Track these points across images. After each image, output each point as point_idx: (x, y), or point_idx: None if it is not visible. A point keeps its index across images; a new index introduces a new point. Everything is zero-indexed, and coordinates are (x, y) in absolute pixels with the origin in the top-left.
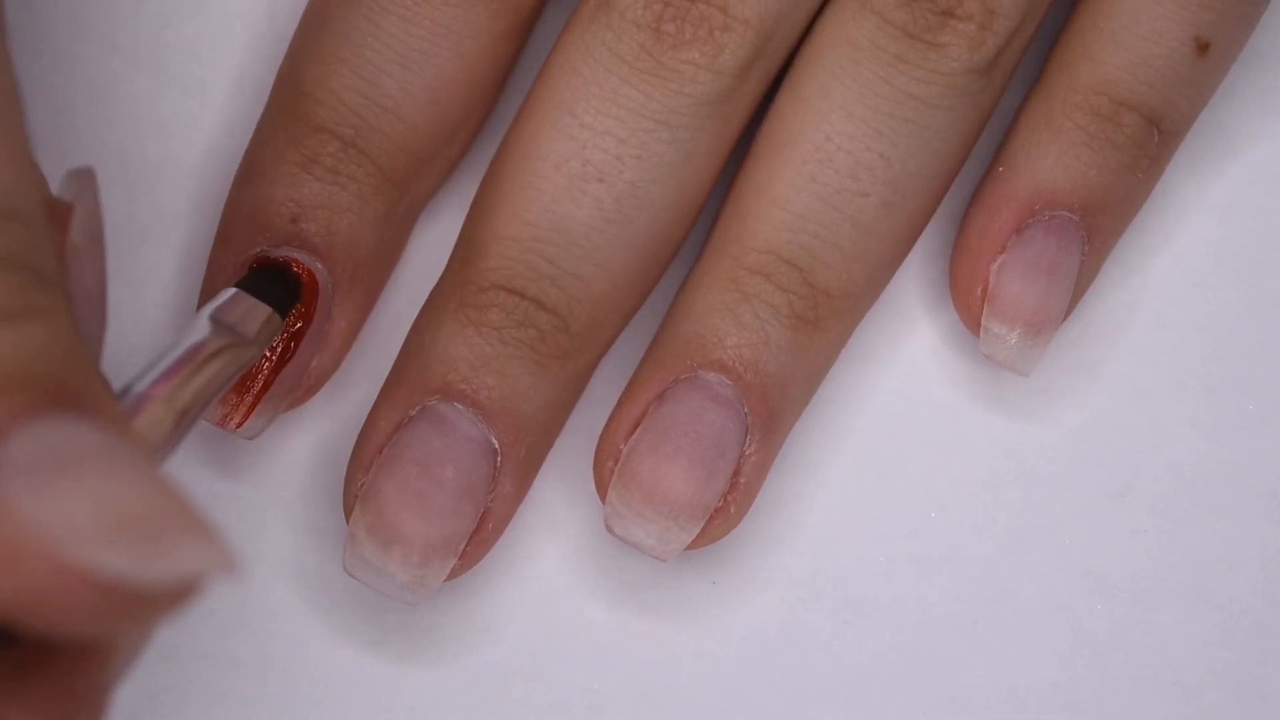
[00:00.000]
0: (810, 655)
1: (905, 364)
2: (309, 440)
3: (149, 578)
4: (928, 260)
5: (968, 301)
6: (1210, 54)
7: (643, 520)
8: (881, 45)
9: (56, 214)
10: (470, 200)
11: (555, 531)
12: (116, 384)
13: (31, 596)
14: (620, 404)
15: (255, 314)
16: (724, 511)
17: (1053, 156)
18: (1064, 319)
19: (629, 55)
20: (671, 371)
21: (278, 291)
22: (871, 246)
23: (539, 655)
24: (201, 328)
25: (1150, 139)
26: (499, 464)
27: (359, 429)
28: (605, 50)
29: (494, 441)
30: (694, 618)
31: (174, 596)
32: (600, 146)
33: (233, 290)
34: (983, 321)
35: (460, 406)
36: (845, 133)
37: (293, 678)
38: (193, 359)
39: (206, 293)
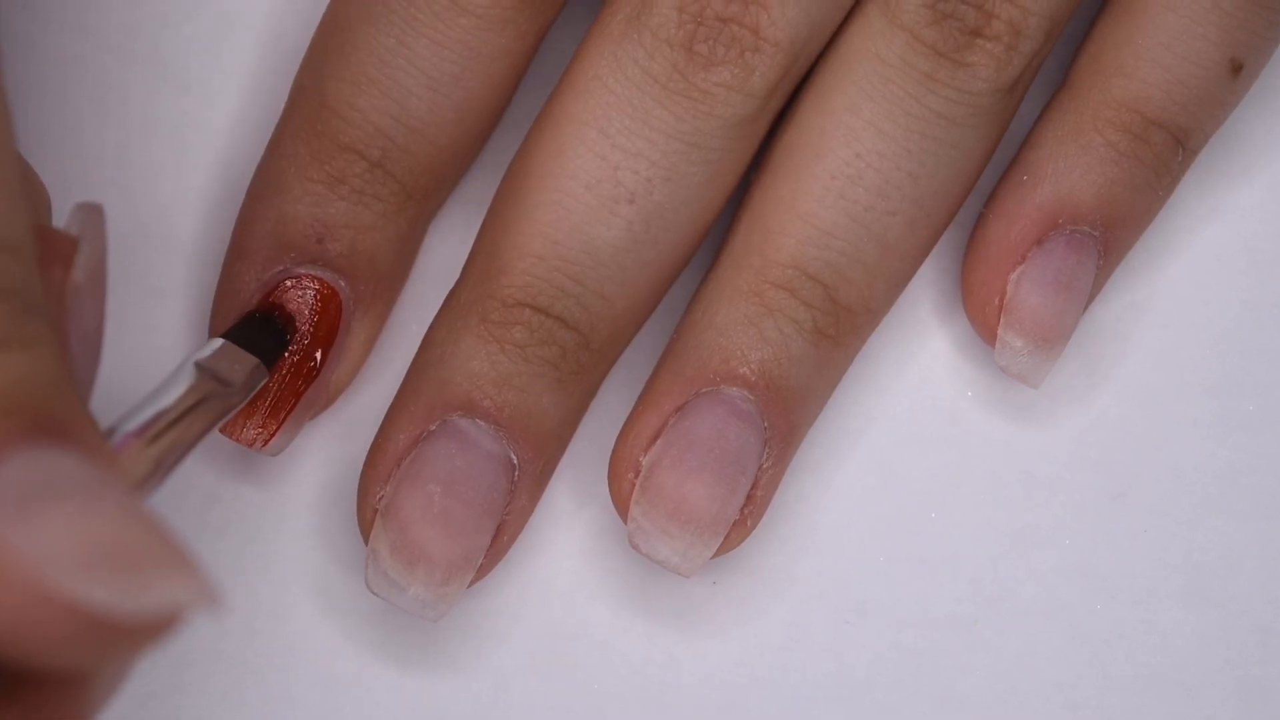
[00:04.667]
0: (810, 655)
1: (905, 365)
2: (315, 445)
3: (129, 609)
4: (928, 263)
5: (984, 311)
6: (1242, 75)
7: (667, 537)
8: (911, 63)
9: (61, 248)
10: (470, 200)
11: (556, 533)
12: (103, 422)
13: (10, 625)
14: (638, 414)
15: (242, 365)
16: (741, 524)
17: (1080, 170)
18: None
19: (661, 75)
20: (693, 384)
21: (266, 341)
22: (894, 264)
23: (540, 655)
24: (186, 375)
25: (1175, 158)
26: (517, 479)
27: (367, 434)
28: (637, 68)
29: (513, 457)
30: (694, 618)
31: (153, 629)
32: (632, 168)
33: (220, 341)
34: (999, 333)
35: (482, 423)
36: (876, 151)
37: (293, 678)
38: (175, 407)
39: (221, 305)
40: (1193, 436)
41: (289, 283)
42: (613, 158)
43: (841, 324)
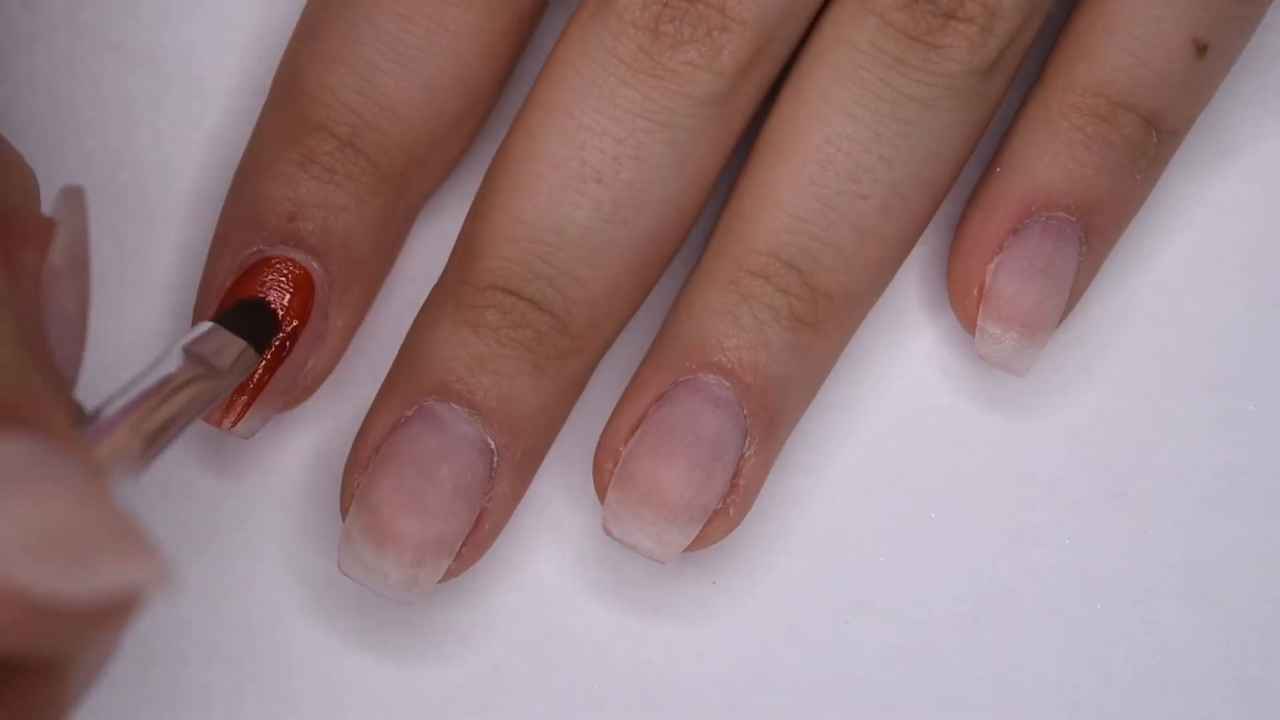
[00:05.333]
0: (810, 655)
1: (905, 364)
2: (312, 440)
3: (77, 593)
4: (928, 261)
5: (964, 302)
6: (1209, 56)
7: (640, 522)
8: (882, 47)
9: (36, 232)
10: (468, 200)
11: (556, 532)
12: (89, 404)
13: None
14: (620, 406)
15: (230, 348)
16: (723, 514)
17: (1049, 157)
18: (1061, 320)
19: (627, 56)
20: (671, 374)
21: (255, 326)
22: (872, 249)
23: (539, 655)
24: (174, 359)
25: (1148, 140)
26: (495, 465)
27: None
28: (603, 50)
29: (490, 442)
30: (694, 618)
31: (109, 612)
32: (597, 147)
33: (209, 324)
34: (978, 322)
35: (456, 407)
36: (845, 135)
37: (293, 678)
38: (162, 389)
39: (204, 292)
40: (1192, 435)
41: (269, 273)
42: (579, 138)
43: (820, 310)
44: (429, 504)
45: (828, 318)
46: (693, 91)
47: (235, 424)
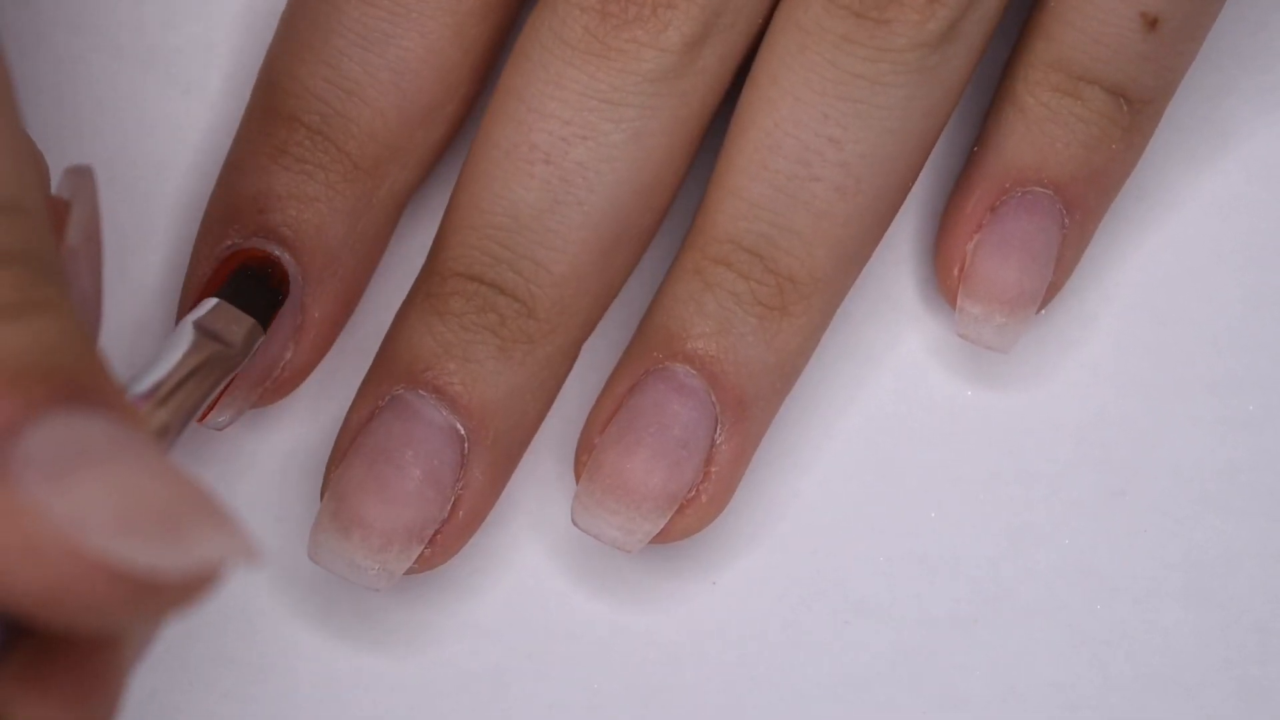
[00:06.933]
0: (810, 655)
1: (905, 363)
2: (311, 440)
3: (169, 567)
4: (927, 258)
5: (948, 282)
6: (1162, 29)
7: (606, 512)
8: (827, 26)
9: (53, 213)
10: None
11: (556, 531)
12: None
13: (52, 590)
14: (598, 399)
15: (239, 323)
16: (696, 501)
17: (1019, 134)
18: (1045, 296)
19: (573, 38)
20: (642, 364)
21: (260, 298)
22: (831, 230)
23: (538, 655)
24: (186, 336)
25: (1118, 111)
26: (466, 451)
27: None
28: (552, 35)
29: (459, 428)
30: (694, 618)
31: (194, 585)
32: (545, 129)
33: (215, 301)
34: (958, 301)
35: (424, 394)
36: (792, 118)
37: (292, 678)
38: (181, 367)
39: (188, 287)
40: (1193, 435)
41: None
42: (528, 120)
43: (786, 294)
44: (393, 489)
45: (794, 301)
46: (638, 69)
47: (204, 417)
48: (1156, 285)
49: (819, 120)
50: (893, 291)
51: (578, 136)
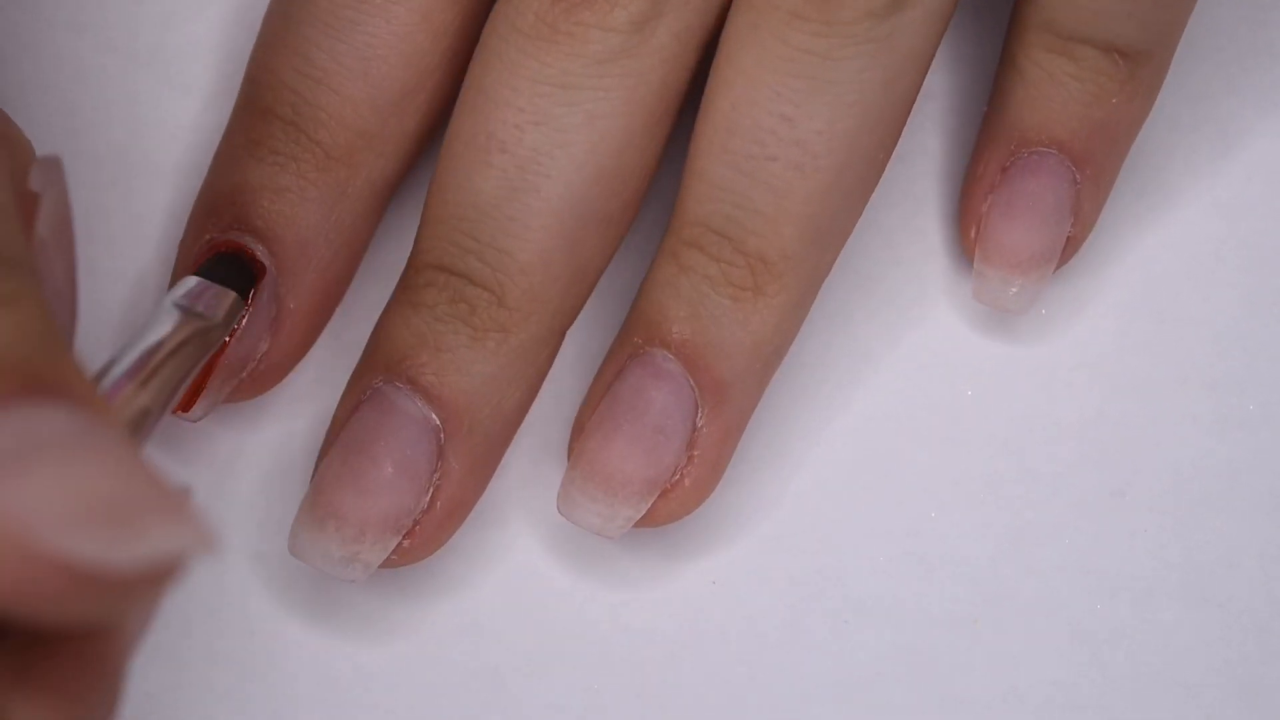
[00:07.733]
0: (810, 655)
1: (905, 363)
2: (311, 439)
3: (123, 561)
4: (927, 257)
5: (966, 243)
6: None
7: (585, 499)
8: (777, 3)
9: (23, 206)
10: None
11: (555, 530)
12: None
13: (8, 586)
14: (590, 386)
15: (221, 299)
16: (679, 486)
17: (1019, 97)
18: (1066, 251)
19: (526, 26)
20: (626, 350)
21: (236, 276)
22: (794, 209)
23: (537, 654)
24: (169, 315)
25: (1114, 66)
26: (442, 441)
27: None
28: (507, 24)
29: (434, 418)
30: (694, 618)
31: (153, 578)
32: (500, 118)
33: (194, 279)
34: (975, 265)
35: (399, 385)
36: (747, 98)
37: (291, 678)
38: (164, 345)
39: (173, 281)
40: (1193, 434)
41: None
42: (485, 110)
43: (758, 275)
44: (367, 480)
45: (768, 281)
46: (586, 51)
47: (186, 409)
48: (1156, 285)
49: (771, 98)
50: (892, 291)
51: (531, 123)
